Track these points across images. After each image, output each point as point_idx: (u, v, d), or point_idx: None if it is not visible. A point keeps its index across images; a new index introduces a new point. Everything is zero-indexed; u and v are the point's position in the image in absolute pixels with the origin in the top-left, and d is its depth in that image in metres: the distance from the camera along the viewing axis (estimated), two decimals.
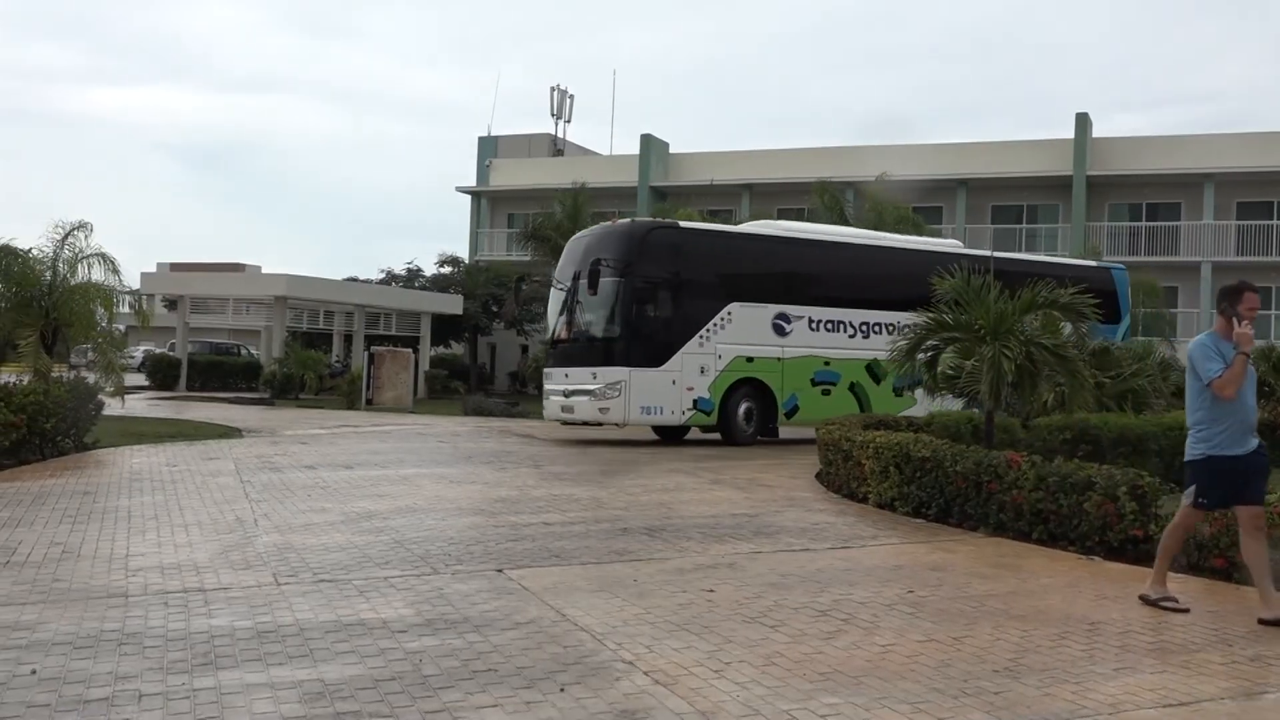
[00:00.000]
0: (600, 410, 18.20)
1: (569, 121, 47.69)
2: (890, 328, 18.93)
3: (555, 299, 19.96)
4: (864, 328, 20.19)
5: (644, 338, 18.41)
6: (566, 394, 18.84)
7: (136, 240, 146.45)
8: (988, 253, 22.62)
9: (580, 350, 19.04)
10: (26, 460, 13.53)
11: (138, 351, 45.79)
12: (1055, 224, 38.82)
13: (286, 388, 33.56)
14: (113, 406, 17.70)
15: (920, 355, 13.00)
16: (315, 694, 5.02)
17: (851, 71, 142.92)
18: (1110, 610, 6.96)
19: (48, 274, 18.53)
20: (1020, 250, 35.91)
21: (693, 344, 18.50)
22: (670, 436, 20.11)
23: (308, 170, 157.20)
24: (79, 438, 15.18)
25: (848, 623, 6.49)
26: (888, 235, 23.60)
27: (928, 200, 37.76)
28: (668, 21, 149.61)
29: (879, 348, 18.79)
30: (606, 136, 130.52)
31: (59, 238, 18.79)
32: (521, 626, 6.26)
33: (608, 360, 18.31)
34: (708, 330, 18.67)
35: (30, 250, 18.58)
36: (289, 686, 5.12)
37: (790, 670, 5.53)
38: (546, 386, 20.04)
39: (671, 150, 44.59)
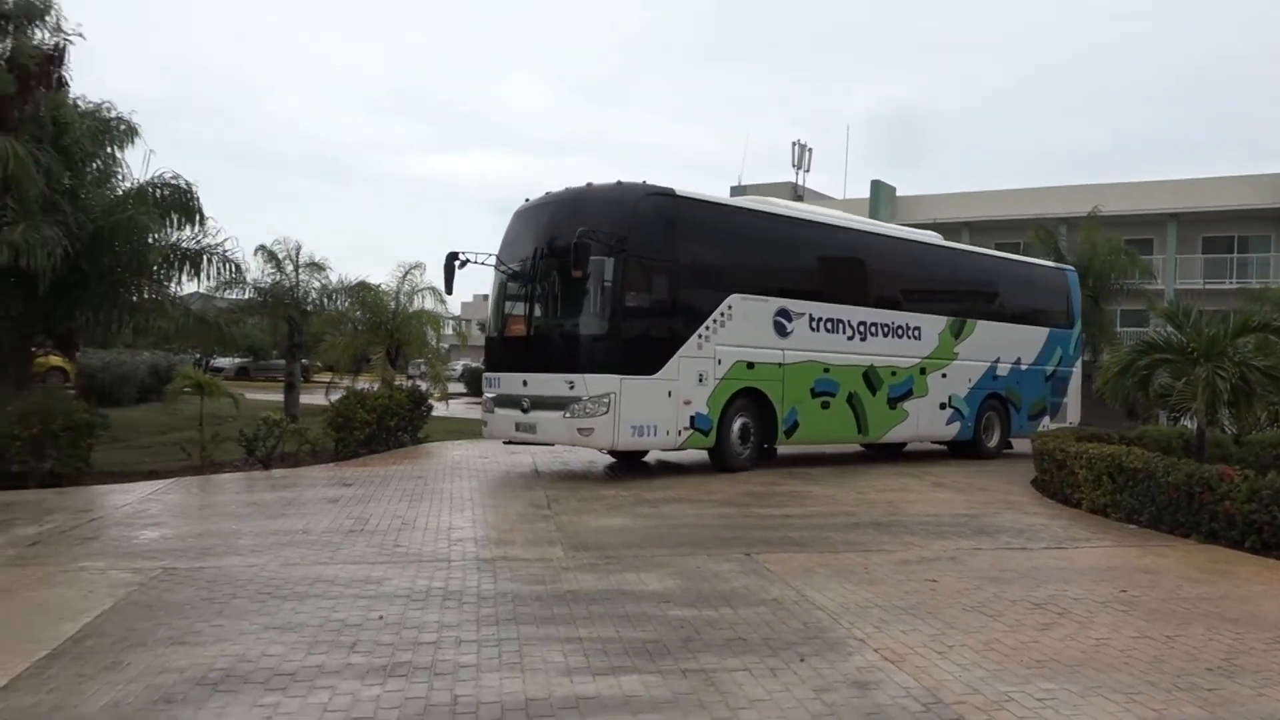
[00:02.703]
0: (580, 431, 12.14)
1: (808, 171, 46.89)
2: (886, 329, 15.48)
3: (501, 283, 13.69)
4: (861, 328, 15.03)
5: (637, 336, 12.47)
6: (525, 407, 12.70)
7: (459, 278, 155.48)
8: (958, 245, 19.08)
9: (548, 351, 12.79)
10: (375, 450, 14.57)
11: (458, 365, 48.65)
12: (1267, 253, 35.18)
13: None
14: (439, 409, 18.84)
15: (1130, 376, 12.10)
16: (595, 650, 5.15)
17: (1069, 115, 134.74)
18: None
19: (392, 303, 20.16)
20: (1231, 279, 32.86)
21: (690, 345, 12.78)
22: (625, 459, 14.29)
23: None
24: (414, 434, 16.18)
25: (1063, 616, 6.09)
26: (872, 221, 18.63)
27: (1139, 233, 35.04)
28: (900, 76, 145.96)
29: (876, 351, 15.21)
30: (840, 183, 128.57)
31: (400, 275, 20.49)
32: (767, 603, 6.22)
33: (589, 365, 12.20)
34: (706, 328, 12.99)
35: (380, 285, 20.34)
36: (573, 641, 5.28)
37: (1008, 656, 5.24)
38: (489, 395, 13.54)
39: (899, 194, 43.35)
